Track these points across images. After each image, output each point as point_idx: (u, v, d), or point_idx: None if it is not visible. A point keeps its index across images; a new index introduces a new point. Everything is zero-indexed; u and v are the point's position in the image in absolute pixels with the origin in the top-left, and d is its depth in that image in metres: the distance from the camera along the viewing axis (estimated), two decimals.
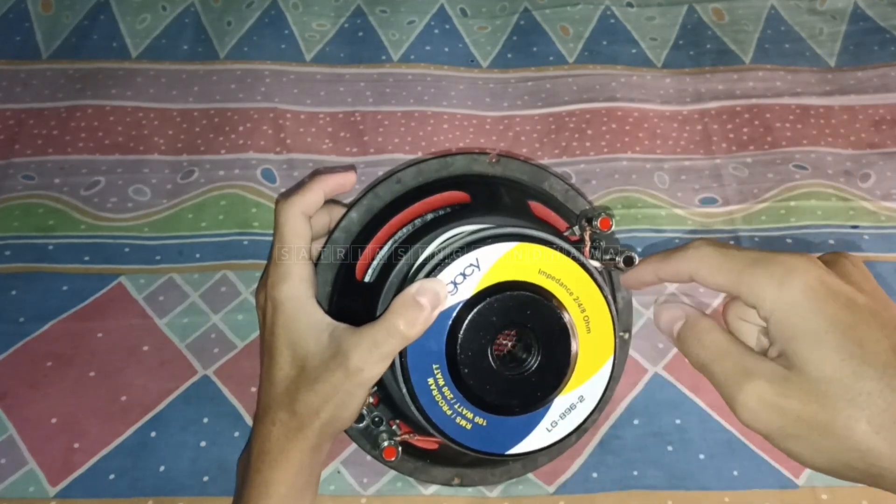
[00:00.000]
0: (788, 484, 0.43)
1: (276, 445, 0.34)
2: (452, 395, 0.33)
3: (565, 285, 0.33)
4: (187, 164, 0.57)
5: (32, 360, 0.47)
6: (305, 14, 0.68)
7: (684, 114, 0.61)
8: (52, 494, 0.43)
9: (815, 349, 0.25)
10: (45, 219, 0.54)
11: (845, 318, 0.25)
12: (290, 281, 0.35)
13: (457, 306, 0.32)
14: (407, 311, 0.32)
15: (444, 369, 0.33)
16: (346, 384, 0.32)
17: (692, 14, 0.69)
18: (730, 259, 0.28)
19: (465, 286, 0.32)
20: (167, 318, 0.49)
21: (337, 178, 0.39)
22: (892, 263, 0.52)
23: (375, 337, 0.32)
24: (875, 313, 0.26)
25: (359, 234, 0.39)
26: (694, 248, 0.30)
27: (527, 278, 0.33)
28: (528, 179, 0.41)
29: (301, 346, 0.34)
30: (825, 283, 0.26)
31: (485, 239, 0.33)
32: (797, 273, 0.26)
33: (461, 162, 0.40)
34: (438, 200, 0.38)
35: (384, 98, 0.62)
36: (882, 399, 0.24)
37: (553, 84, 0.63)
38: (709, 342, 0.29)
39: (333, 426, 0.34)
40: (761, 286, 0.27)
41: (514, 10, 0.69)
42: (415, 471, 0.40)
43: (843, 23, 0.68)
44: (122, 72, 0.63)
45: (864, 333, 0.25)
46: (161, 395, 0.46)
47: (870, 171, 0.57)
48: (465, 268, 0.32)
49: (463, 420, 0.33)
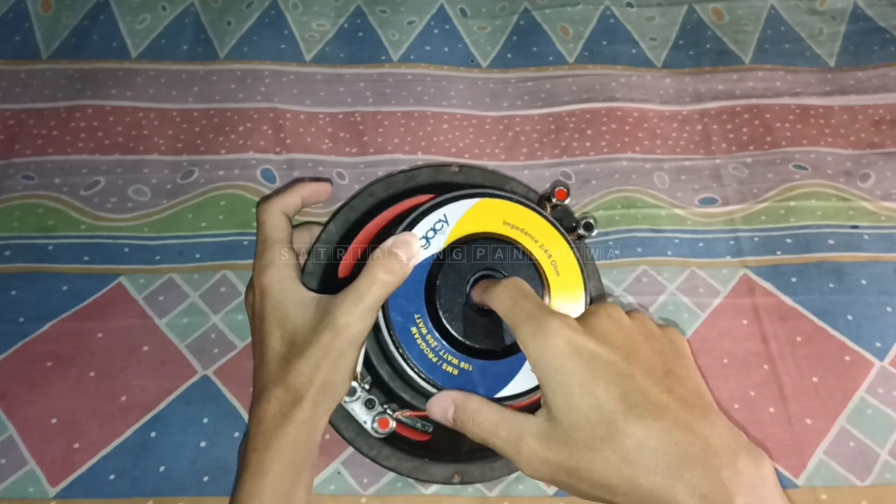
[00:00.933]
0: (788, 484, 0.43)
1: (271, 423, 0.35)
2: (436, 342, 0.35)
3: (530, 234, 0.37)
4: (187, 165, 0.57)
5: (32, 360, 0.47)
6: (305, 14, 0.68)
7: (684, 114, 0.61)
8: (52, 495, 0.43)
9: (564, 403, 0.29)
10: (45, 219, 0.54)
11: (584, 374, 0.29)
12: (274, 266, 0.37)
13: (431, 259, 0.35)
14: (385, 260, 0.34)
15: (425, 318, 0.35)
16: (335, 343, 0.34)
17: (692, 14, 0.69)
18: (515, 308, 0.32)
19: (436, 240, 0.36)
20: (167, 318, 0.49)
21: (314, 186, 0.43)
22: (891, 263, 0.52)
23: (358, 290, 0.34)
24: (611, 364, 0.29)
25: (338, 242, 0.42)
26: (500, 288, 0.33)
27: (493, 230, 0.36)
28: (490, 184, 0.44)
29: (290, 322, 0.36)
30: (571, 342, 0.29)
31: (451, 198, 0.36)
32: (549, 334, 0.30)
33: (426, 173, 0.44)
34: (408, 204, 0.41)
35: (384, 98, 0.62)
36: (612, 443, 0.28)
37: (553, 84, 0.63)
38: (482, 420, 0.32)
39: (327, 393, 0.35)
40: (525, 342, 0.30)
41: (513, 10, 0.69)
42: (413, 470, 0.40)
43: (842, 23, 0.68)
44: (121, 72, 0.63)
45: (598, 386, 0.28)
46: (161, 395, 0.46)
47: (870, 171, 0.57)
48: (434, 223, 0.36)
49: (449, 367, 0.35)
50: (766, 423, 0.46)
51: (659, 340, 0.32)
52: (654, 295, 0.51)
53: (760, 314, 0.50)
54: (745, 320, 0.50)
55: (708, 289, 0.51)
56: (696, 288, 0.51)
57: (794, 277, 0.52)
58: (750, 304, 0.51)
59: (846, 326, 0.49)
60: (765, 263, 0.52)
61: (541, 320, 0.30)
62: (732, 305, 0.50)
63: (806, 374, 0.47)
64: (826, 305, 0.50)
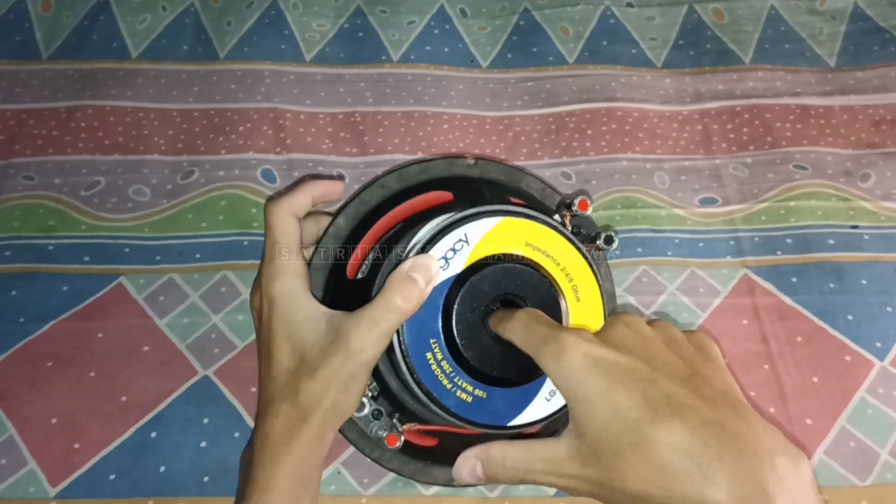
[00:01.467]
0: None
1: (279, 439, 0.34)
2: (451, 368, 0.33)
3: (552, 256, 0.35)
4: (187, 165, 0.57)
5: (32, 361, 0.47)
6: (305, 14, 0.68)
7: (684, 114, 0.61)
8: (53, 495, 0.43)
9: (586, 415, 0.29)
10: (45, 219, 0.54)
11: (603, 383, 0.28)
12: (283, 276, 0.36)
13: (449, 281, 0.33)
14: (402, 286, 0.32)
15: (441, 343, 0.33)
16: (347, 366, 0.33)
17: (692, 14, 0.69)
18: (531, 335, 0.31)
19: (455, 261, 0.34)
20: (167, 318, 0.49)
21: (325, 185, 0.40)
22: (892, 263, 0.52)
23: (373, 315, 0.33)
24: (632, 371, 0.29)
25: (347, 238, 0.40)
26: (515, 320, 0.32)
27: (514, 250, 0.34)
28: (505, 179, 0.42)
29: (299, 338, 0.34)
30: (589, 355, 0.29)
31: (472, 215, 0.34)
32: (567, 351, 0.29)
33: (441, 165, 0.41)
34: (422, 201, 0.39)
35: (384, 98, 0.62)
36: (639, 449, 0.27)
37: (553, 84, 0.63)
38: (511, 463, 0.31)
39: (336, 413, 0.34)
40: (546, 364, 0.30)
41: (513, 10, 0.69)
42: (416, 472, 0.40)
43: (842, 23, 0.68)
44: (122, 72, 0.63)
45: (618, 394, 0.28)
46: (161, 395, 0.46)
47: (870, 171, 0.57)
48: (454, 243, 0.34)
49: (463, 393, 0.34)
50: None
51: (682, 345, 0.31)
52: (654, 295, 0.51)
53: (760, 314, 0.50)
54: (745, 320, 0.50)
55: (708, 289, 0.51)
56: (696, 288, 0.51)
57: (795, 277, 0.52)
58: (750, 304, 0.51)
59: (846, 326, 0.49)
60: (765, 263, 0.52)
61: (557, 340, 0.30)
62: (732, 305, 0.50)
63: (806, 374, 0.47)
64: (826, 305, 0.50)
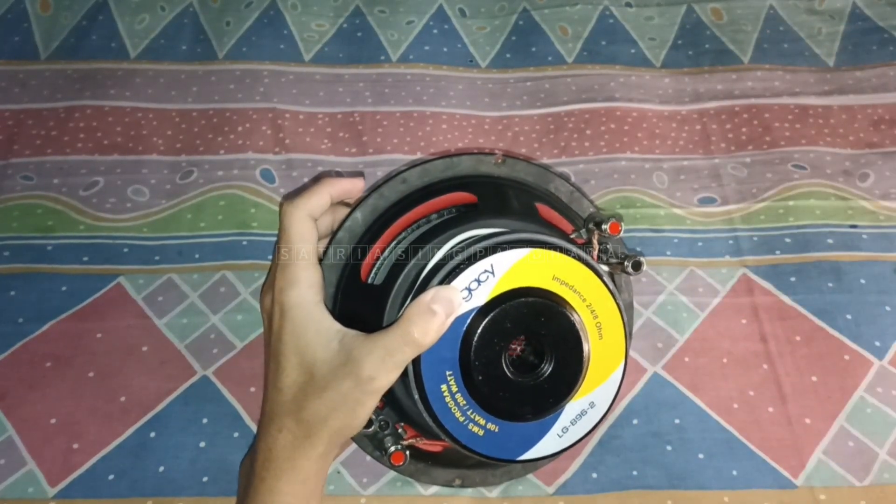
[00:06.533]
0: (787, 484, 0.43)
1: (282, 453, 0.34)
2: (465, 401, 0.32)
3: (579, 292, 0.33)
4: (186, 165, 0.57)
5: (32, 361, 0.47)
6: (304, 14, 0.68)
7: (683, 114, 0.61)
8: (52, 495, 0.43)
9: None
10: (44, 219, 0.54)
11: None
12: (298, 287, 0.35)
13: (471, 313, 0.32)
14: (421, 319, 0.31)
15: (457, 376, 0.32)
16: (356, 392, 0.32)
17: (691, 14, 0.69)
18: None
19: (479, 292, 0.32)
20: (166, 318, 0.49)
21: (344, 184, 0.38)
22: (890, 263, 0.52)
23: (389, 345, 0.31)
24: None
25: (363, 234, 0.38)
26: None
27: (541, 284, 0.33)
28: (533, 181, 0.40)
29: (310, 354, 0.33)
30: None
31: (500, 245, 0.32)
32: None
33: (467, 162, 0.39)
34: (444, 201, 0.38)
35: (383, 98, 0.62)
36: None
37: (552, 84, 0.63)
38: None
39: (342, 434, 0.34)
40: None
41: (512, 10, 0.69)
42: (416, 472, 0.39)
43: (841, 22, 0.68)
44: (120, 72, 0.63)
45: None
46: (160, 395, 0.46)
47: (868, 170, 0.57)
48: (479, 274, 0.32)
49: (475, 426, 0.33)
50: (765, 423, 0.46)
51: None
52: (653, 295, 0.51)
53: (759, 313, 0.50)
54: (744, 320, 0.50)
55: (707, 288, 0.51)
56: (695, 287, 0.51)
57: (793, 277, 0.52)
58: (749, 303, 0.51)
59: (845, 326, 0.49)
60: (764, 263, 0.52)
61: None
62: (731, 305, 0.51)
63: (805, 374, 0.47)
64: (825, 305, 0.50)
